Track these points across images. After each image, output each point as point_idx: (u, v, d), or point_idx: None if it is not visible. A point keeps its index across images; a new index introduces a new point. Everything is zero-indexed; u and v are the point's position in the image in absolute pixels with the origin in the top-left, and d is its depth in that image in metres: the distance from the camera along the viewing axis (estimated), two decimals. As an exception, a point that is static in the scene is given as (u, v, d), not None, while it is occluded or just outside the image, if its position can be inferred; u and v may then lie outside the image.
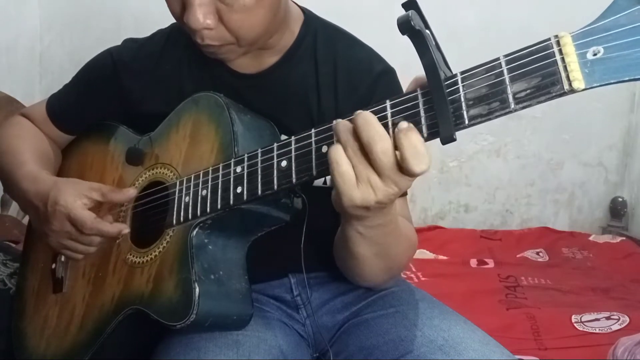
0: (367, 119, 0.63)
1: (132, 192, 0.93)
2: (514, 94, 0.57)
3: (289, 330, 0.96)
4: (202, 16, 0.80)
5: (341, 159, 0.64)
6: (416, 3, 0.63)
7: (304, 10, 0.98)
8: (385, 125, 0.64)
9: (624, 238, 2.22)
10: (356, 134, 0.63)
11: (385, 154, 0.62)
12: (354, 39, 0.99)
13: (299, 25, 0.96)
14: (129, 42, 1.04)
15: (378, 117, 0.65)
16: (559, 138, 2.38)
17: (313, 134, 0.70)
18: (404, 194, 0.93)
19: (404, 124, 0.62)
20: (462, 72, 0.60)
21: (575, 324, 1.52)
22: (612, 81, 0.53)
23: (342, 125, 0.65)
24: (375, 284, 0.94)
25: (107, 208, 0.95)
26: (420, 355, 0.84)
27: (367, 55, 0.97)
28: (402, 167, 0.62)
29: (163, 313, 0.82)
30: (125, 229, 0.92)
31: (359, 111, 0.64)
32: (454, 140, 0.59)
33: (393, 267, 0.89)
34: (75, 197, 0.91)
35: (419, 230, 2.28)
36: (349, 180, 0.64)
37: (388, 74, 0.96)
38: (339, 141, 0.65)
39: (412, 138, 0.61)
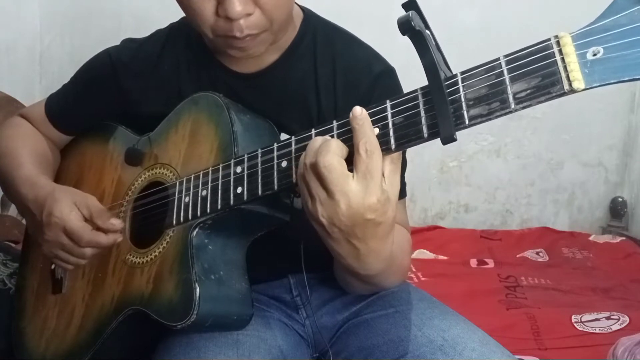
0: (327, 139, 0.66)
1: (118, 225, 0.92)
2: (514, 94, 0.57)
3: (288, 331, 0.96)
4: (241, 4, 0.80)
5: (300, 168, 0.67)
6: (416, 3, 0.63)
7: (303, 9, 0.98)
8: (386, 126, 0.64)
9: (624, 238, 2.21)
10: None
11: (327, 169, 0.64)
12: (353, 38, 0.99)
13: (299, 23, 0.96)
14: (128, 42, 1.04)
15: (379, 118, 0.65)
16: (559, 138, 2.37)
17: (313, 134, 0.70)
18: (401, 197, 0.93)
19: (357, 111, 0.65)
20: (462, 72, 0.60)
21: (575, 324, 1.52)
22: (612, 81, 0.53)
23: (311, 142, 0.67)
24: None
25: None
26: (420, 355, 0.84)
27: (366, 55, 0.97)
28: (356, 166, 0.64)
29: (163, 313, 0.82)
30: (119, 237, 0.92)
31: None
32: (455, 140, 0.59)
33: (382, 289, 0.94)
34: (70, 209, 0.90)
35: (419, 230, 2.28)
36: (303, 191, 0.67)
37: (388, 73, 0.96)
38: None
39: (364, 124, 0.64)
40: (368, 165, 0.63)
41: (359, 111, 0.65)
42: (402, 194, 0.94)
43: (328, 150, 0.64)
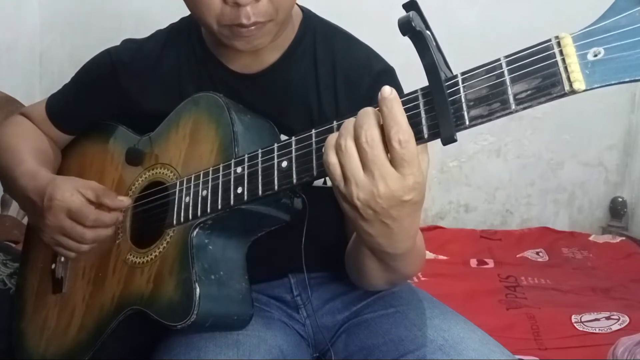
0: (366, 110, 0.62)
1: (126, 201, 0.93)
2: (515, 95, 0.57)
3: (289, 330, 0.96)
4: None
5: (329, 148, 0.64)
6: (417, 4, 0.63)
7: (302, 9, 0.98)
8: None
9: (624, 238, 2.21)
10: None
11: (369, 145, 0.61)
12: (352, 38, 0.99)
13: (298, 23, 0.96)
14: (128, 43, 1.04)
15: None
16: (559, 138, 2.38)
17: (314, 135, 0.70)
18: None
19: (386, 91, 0.61)
20: (463, 73, 0.60)
21: (575, 324, 1.52)
22: (612, 82, 0.53)
23: (349, 119, 0.64)
24: (374, 289, 0.95)
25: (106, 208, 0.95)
26: (420, 355, 0.84)
27: (365, 55, 0.97)
28: (391, 156, 0.61)
29: (163, 313, 0.82)
30: (120, 215, 0.93)
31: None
32: (455, 141, 0.59)
33: (398, 280, 0.92)
34: (71, 192, 0.90)
35: (419, 230, 2.28)
36: (335, 173, 0.64)
37: (388, 73, 0.96)
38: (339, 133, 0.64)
39: (390, 107, 0.60)
40: (404, 156, 0.60)
41: (388, 91, 0.61)
42: None
43: (370, 124, 0.61)
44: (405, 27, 0.60)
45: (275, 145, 0.74)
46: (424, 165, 0.64)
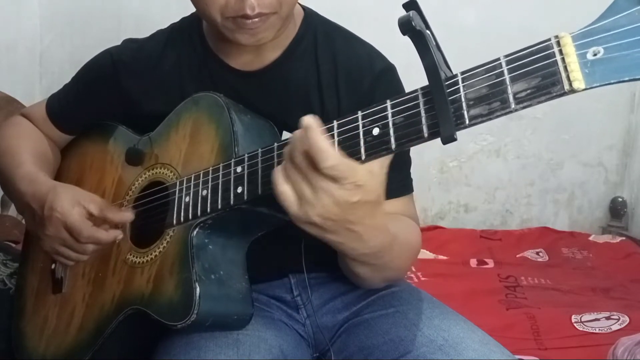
0: (294, 134, 0.65)
1: (129, 215, 0.93)
2: (515, 94, 0.57)
3: (289, 330, 0.96)
4: None
5: (278, 179, 0.66)
6: (417, 3, 0.63)
7: (304, 8, 0.98)
8: (386, 126, 0.64)
9: (624, 238, 2.21)
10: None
11: (303, 166, 0.64)
12: (353, 36, 0.99)
13: (299, 21, 0.96)
14: (129, 43, 1.04)
15: (379, 117, 0.65)
16: (559, 138, 2.37)
17: (314, 134, 0.70)
18: (407, 193, 0.94)
19: (304, 122, 0.63)
20: (463, 73, 0.60)
21: (575, 324, 1.52)
22: (612, 81, 0.53)
23: (287, 146, 0.66)
24: (375, 287, 0.95)
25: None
26: (420, 355, 0.84)
27: (366, 53, 0.97)
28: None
29: (164, 313, 0.82)
30: (120, 234, 0.92)
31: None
32: (455, 140, 0.59)
33: (394, 276, 0.92)
34: (72, 204, 0.90)
35: (419, 230, 2.28)
36: (288, 199, 0.66)
37: (389, 71, 0.96)
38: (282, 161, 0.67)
39: (310, 138, 0.62)
40: (336, 175, 0.63)
41: (305, 122, 0.63)
42: (409, 189, 0.95)
43: (296, 150, 0.64)
44: (406, 26, 0.60)
45: (275, 144, 0.74)
46: (372, 167, 0.65)
